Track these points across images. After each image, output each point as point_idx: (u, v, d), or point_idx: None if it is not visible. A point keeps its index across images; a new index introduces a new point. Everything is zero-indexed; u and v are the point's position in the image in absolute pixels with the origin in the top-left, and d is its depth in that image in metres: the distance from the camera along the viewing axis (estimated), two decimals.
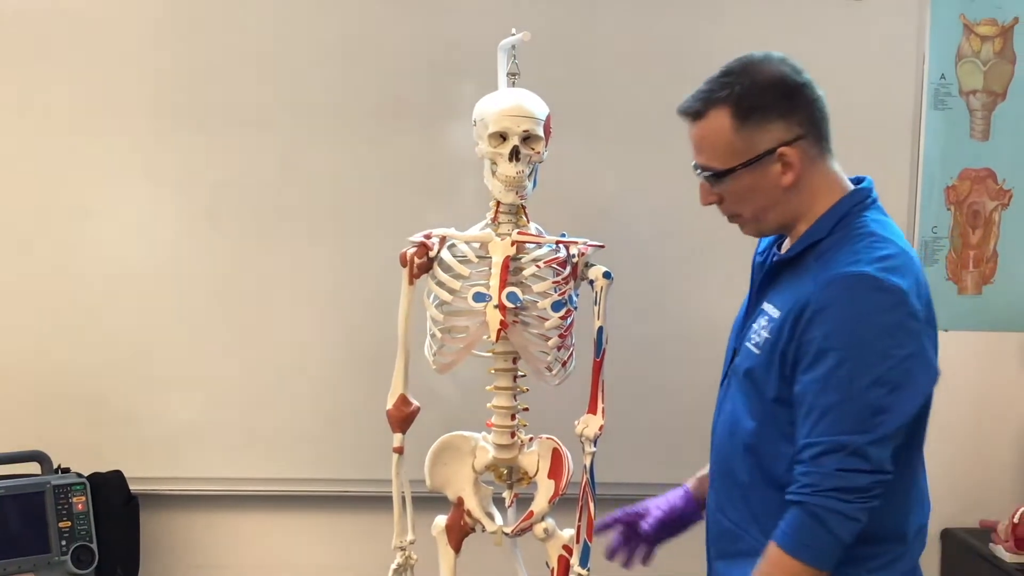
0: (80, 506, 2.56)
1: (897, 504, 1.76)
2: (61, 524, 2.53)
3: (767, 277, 1.88)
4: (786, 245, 1.87)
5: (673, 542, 2.11)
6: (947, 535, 2.92)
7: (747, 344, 1.84)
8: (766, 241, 1.95)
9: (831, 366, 1.66)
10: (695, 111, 1.80)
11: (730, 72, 1.79)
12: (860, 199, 1.79)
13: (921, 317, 1.68)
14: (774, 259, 1.87)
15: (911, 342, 1.67)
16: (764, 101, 1.75)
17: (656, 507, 2.10)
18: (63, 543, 2.53)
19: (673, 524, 2.10)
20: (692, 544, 2.04)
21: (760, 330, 1.81)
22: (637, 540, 2.11)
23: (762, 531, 1.75)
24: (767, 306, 1.82)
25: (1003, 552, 2.72)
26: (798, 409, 1.71)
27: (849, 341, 1.65)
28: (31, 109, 2.70)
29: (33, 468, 2.61)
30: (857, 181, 1.84)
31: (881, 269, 1.67)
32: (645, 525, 2.08)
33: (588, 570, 2.02)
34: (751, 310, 1.90)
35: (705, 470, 2.09)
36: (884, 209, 1.82)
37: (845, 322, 1.66)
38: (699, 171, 1.83)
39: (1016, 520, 2.70)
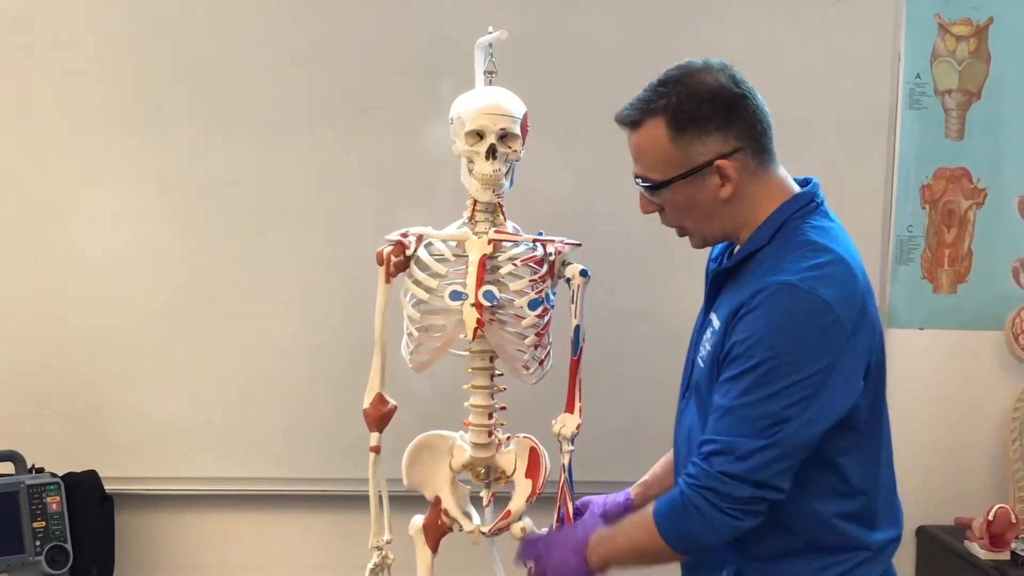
0: (54, 506, 2.54)
1: (861, 517, 1.75)
2: (35, 524, 2.51)
3: (713, 286, 1.85)
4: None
5: None
6: (922, 532, 2.93)
7: (698, 357, 1.83)
8: (719, 247, 1.92)
9: (742, 369, 1.64)
10: (632, 120, 1.76)
11: (667, 81, 1.73)
12: (801, 204, 1.75)
13: (848, 329, 1.63)
14: (719, 268, 1.84)
15: (827, 355, 1.62)
16: (701, 113, 1.70)
17: (590, 511, 2.07)
18: (37, 543, 2.51)
19: None
20: None
21: (706, 342, 1.79)
22: None
23: (725, 544, 1.73)
24: (712, 316, 1.79)
25: (978, 549, 2.73)
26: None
27: (763, 348, 1.62)
28: (13, 107, 2.67)
29: (7, 468, 2.59)
30: (804, 183, 1.79)
31: (807, 279, 1.63)
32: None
33: None
34: (704, 320, 1.86)
35: (648, 476, 2.09)
36: (829, 212, 1.78)
37: (762, 329, 1.63)
38: (638, 181, 1.81)
39: (991, 518, 2.71)
